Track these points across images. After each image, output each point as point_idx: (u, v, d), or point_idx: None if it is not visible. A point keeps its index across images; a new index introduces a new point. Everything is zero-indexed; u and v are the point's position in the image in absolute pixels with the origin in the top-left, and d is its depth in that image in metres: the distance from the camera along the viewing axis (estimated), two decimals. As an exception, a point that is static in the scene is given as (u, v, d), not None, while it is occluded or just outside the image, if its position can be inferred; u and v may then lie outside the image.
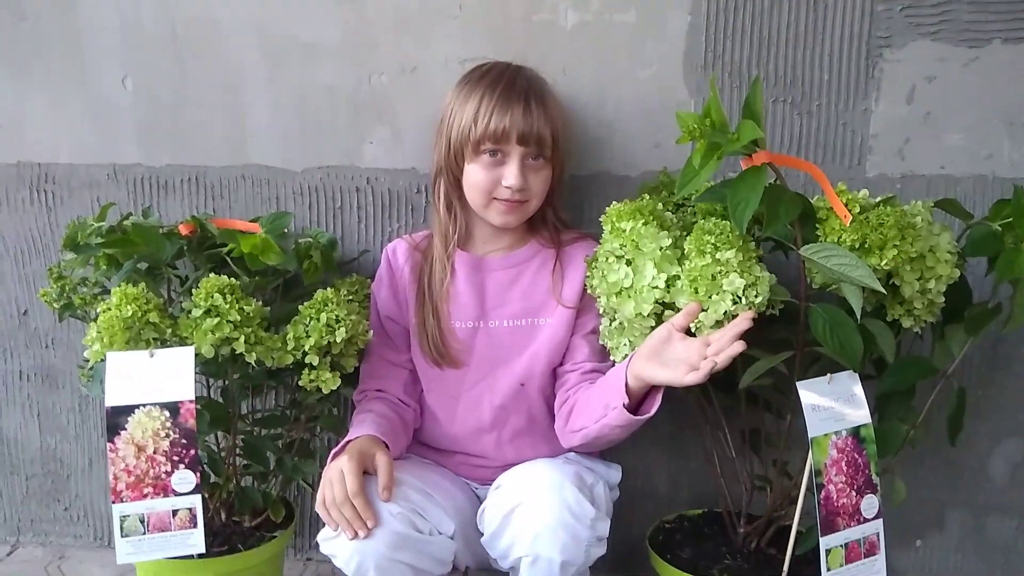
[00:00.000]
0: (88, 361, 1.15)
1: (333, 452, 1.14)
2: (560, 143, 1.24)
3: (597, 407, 1.15)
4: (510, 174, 1.20)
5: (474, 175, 1.23)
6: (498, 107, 1.20)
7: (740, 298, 1.03)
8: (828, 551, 1.08)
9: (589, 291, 1.18)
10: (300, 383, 1.19)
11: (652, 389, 1.11)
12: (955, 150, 1.37)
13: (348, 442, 1.15)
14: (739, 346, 1.00)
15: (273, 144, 1.43)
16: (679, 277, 1.07)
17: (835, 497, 1.08)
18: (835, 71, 1.36)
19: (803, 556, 1.18)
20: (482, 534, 1.16)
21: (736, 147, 0.97)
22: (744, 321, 1.01)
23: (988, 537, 1.49)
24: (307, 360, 1.18)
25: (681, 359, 1.04)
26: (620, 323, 1.16)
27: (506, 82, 1.22)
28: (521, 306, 1.29)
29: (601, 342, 1.21)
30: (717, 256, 1.03)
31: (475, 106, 1.21)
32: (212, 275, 1.15)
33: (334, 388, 1.19)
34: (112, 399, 1.09)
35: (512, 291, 1.29)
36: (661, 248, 1.08)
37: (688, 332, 1.07)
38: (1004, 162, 1.37)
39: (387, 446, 1.16)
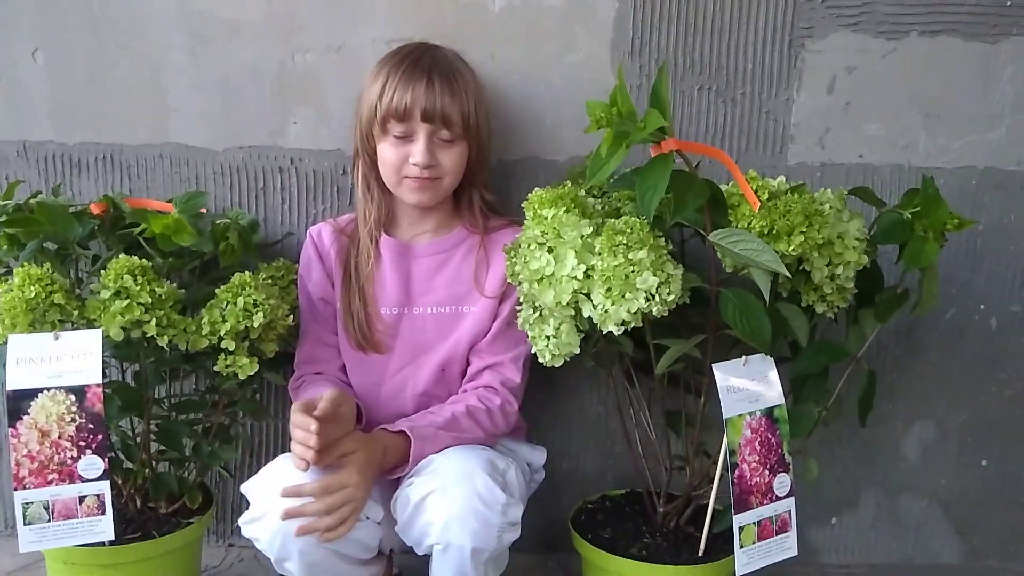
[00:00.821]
0: (-10, 344, 1.11)
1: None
2: (474, 121, 1.23)
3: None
4: (417, 151, 1.20)
5: (384, 154, 1.23)
6: (400, 85, 1.19)
7: (653, 295, 1.04)
8: (741, 528, 1.10)
9: (510, 279, 1.18)
10: (216, 368, 1.17)
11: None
12: (873, 140, 1.41)
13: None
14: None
15: (194, 123, 1.39)
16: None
17: (748, 476, 1.11)
18: (759, 60, 1.38)
19: (720, 534, 1.20)
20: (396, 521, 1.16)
21: (643, 135, 0.98)
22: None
23: (901, 515, 1.55)
24: (223, 345, 1.15)
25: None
26: (540, 312, 1.15)
27: (411, 60, 1.22)
28: (445, 293, 1.28)
29: (521, 328, 1.20)
30: (629, 256, 1.03)
31: (380, 85, 1.21)
32: (122, 256, 1.12)
33: (251, 374, 1.17)
34: (13, 383, 1.05)
35: (437, 278, 1.29)
36: (582, 236, 1.08)
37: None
38: (920, 152, 1.41)
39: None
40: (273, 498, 1.06)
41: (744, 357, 1.11)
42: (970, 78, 1.39)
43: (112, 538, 1.09)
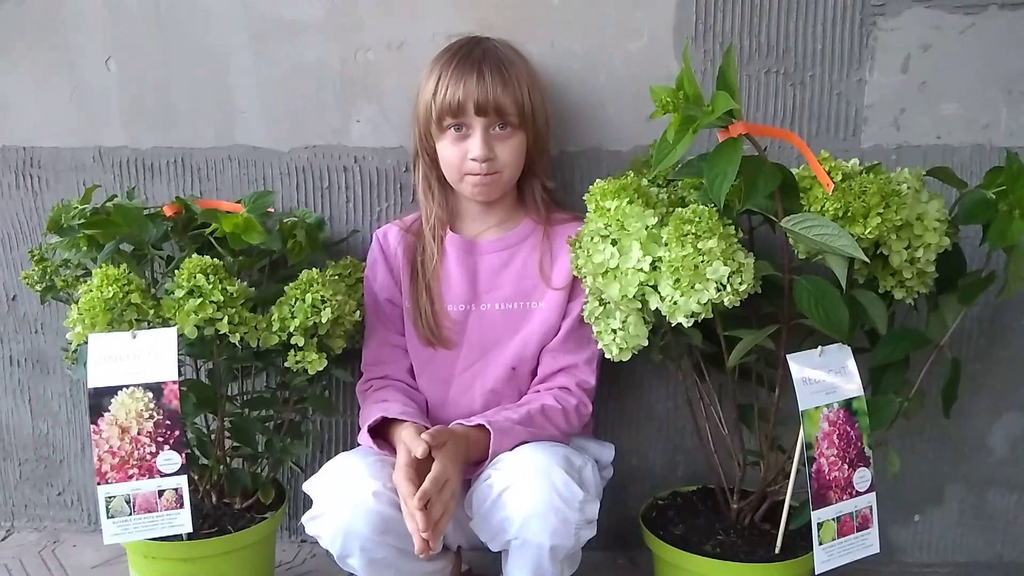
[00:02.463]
0: (72, 343, 1.14)
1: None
2: (529, 110, 1.22)
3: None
4: (474, 145, 1.19)
5: (444, 152, 1.23)
6: (452, 80, 1.19)
7: (725, 285, 1.01)
8: (820, 524, 1.06)
9: (574, 272, 1.16)
10: (286, 364, 1.18)
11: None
12: (952, 119, 1.35)
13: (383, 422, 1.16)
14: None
15: (259, 124, 1.42)
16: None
17: (827, 470, 1.07)
18: (828, 40, 1.33)
19: (797, 531, 1.16)
20: (471, 517, 1.15)
21: (711, 119, 0.95)
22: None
23: (988, 511, 1.48)
24: (293, 341, 1.17)
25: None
26: (605, 306, 1.13)
27: (461, 54, 1.22)
28: (513, 289, 1.27)
29: (587, 322, 1.19)
30: (699, 246, 1.00)
31: (434, 82, 1.21)
32: (195, 255, 1.14)
33: (320, 369, 1.18)
34: (94, 380, 1.08)
35: (504, 274, 1.28)
36: (647, 227, 1.06)
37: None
38: (1002, 131, 1.35)
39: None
40: (336, 495, 1.07)
41: (820, 347, 1.08)
42: (1055, 51, 1.32)
43: (190, 530, 1.11)
